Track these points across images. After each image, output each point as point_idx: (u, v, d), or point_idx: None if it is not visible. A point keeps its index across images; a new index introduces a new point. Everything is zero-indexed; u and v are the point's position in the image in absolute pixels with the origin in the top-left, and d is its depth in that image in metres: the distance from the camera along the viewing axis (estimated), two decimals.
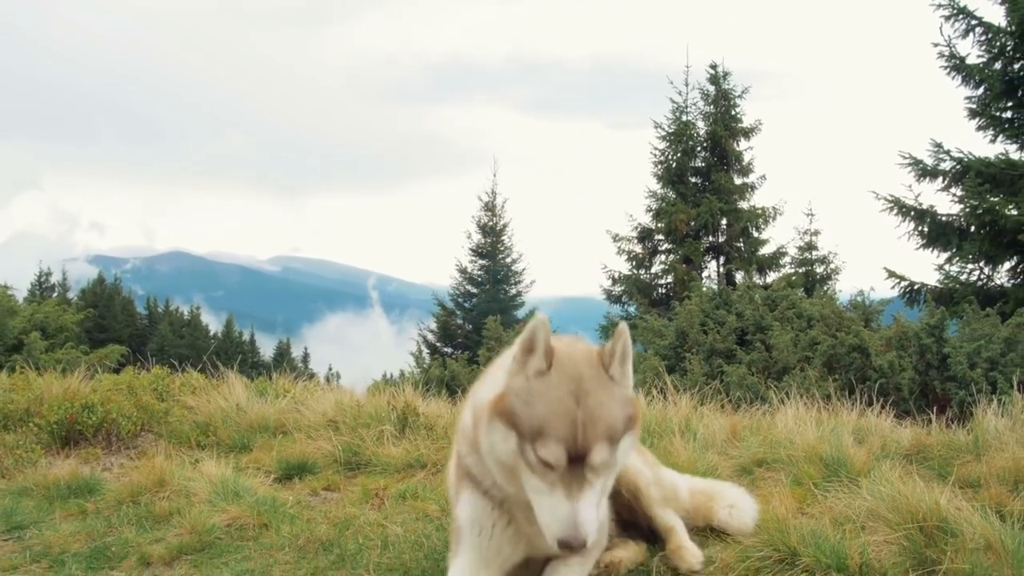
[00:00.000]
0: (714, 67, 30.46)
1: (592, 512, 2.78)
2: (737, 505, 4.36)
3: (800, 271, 29.15)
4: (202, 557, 4.30)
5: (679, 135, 29.99)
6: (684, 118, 30.49)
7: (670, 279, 29.49)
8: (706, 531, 4.39)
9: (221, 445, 6.54)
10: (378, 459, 5.79)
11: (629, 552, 3.91)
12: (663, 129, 30.46)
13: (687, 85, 30.72)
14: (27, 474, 5.79)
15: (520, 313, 39.03)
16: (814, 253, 29.77)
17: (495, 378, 3.05)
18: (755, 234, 29.96)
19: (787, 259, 29.71)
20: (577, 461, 2.73)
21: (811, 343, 11.10)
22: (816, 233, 29.64)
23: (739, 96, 30.37)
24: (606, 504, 3.47)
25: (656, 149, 30.49)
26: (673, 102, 30.73)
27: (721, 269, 30.20)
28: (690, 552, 3.83)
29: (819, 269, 29.80)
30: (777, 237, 30.30)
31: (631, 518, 4.04)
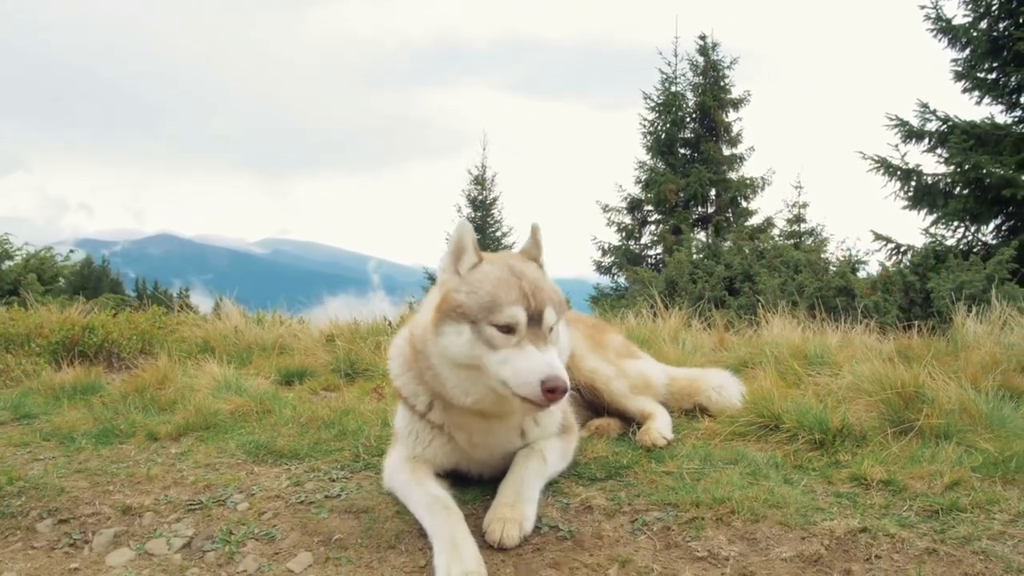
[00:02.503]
0: (703, 38, 30.48)
1: (561, 364, 2.95)
2: (724, 386, 4.57)
3: (789, 243, 29.43)
4: (207, 434, 4.46)
5: (668, 106, 30.04)
6: (673, 89, 30.53)
7: (659, 250, 29.67)
8: (696, 411, 4.57)
9: (221, 360, 6.67)
10: (375, 366, 5.94)
11: (615, 423, 4.17)
12: (652, 100, 30.52)
13: (676, 56, 30.77)
14: (32, 382, 5.92)
15: None
16: (802, 225, 30.00)
17: (428, 306, 3.23)
18: (744, 204, 30.10)
19: (776, 230, 29.94)
20: (534, 321, 2.96)
21: (798, 288, 11.26)
22: (804, 205, 29.87)
23: (728, 67, 30.41)
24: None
25: (645, 120, 30.56)
26: (662, 73, 30.76)
27: (710, 240, 30.41)
28: (657, 431, 4.02)
29: (808, 241, 30.04)
30: (765, 208, 30.49)
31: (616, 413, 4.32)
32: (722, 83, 30.50)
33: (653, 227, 30.71)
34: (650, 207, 30.47)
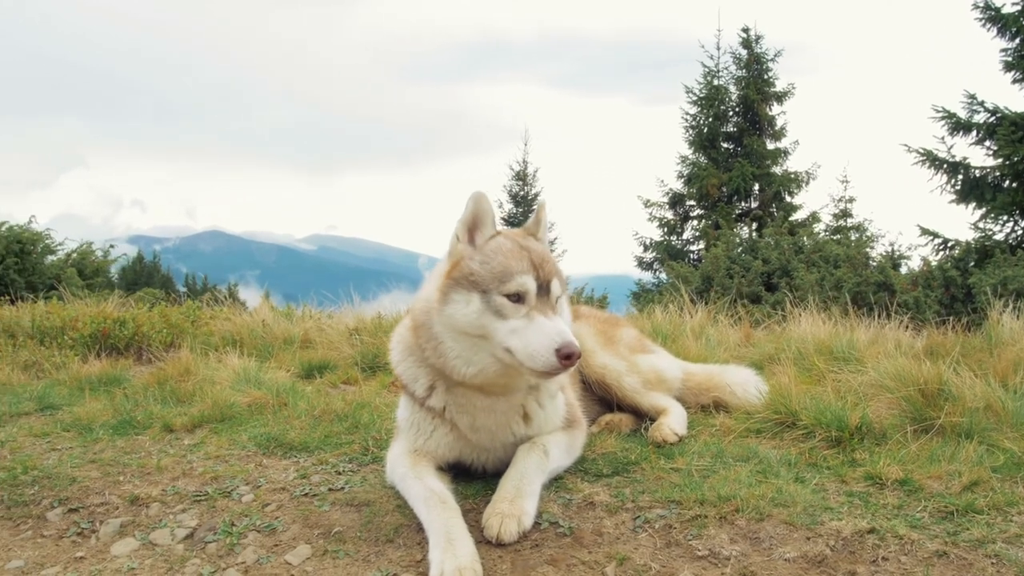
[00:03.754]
0: (746, 31, 30.05)
1: (570, 332, 2.95)
2: (742, 383, 4.48)
3: (834, 238, 28.89)
4: (222, 426, 4.49)
5: (711, 99, 29.67)
6: (716, 82, 30.14)
7: (701, 245, 29.34)
8: (714, 408, 4.48)
9: (247, 353, 6.72)
10: None
11: (627, 418, 4.11)
12: (694, 94, 30.18)
13: (719, 49, 30.38)
14: (61, 374, 6.03)
15: None
16: (849, 220, 29.44)
17: (434, 278, 3.23)
18: (788, 199, 29.64)
19: (821, 225, 29.42)
20: (542, 291, 3.01)
21: (836, 283, 11.04)
22: (851, 200, 29.31)
23: (771, 60, 29.94)
24: (571, 393, 3.77)
25: (687, 114, 30.23)
26: (704, 67, 30.38)
27: (754, 235, 29.97)
28: (668, 427, 3.96)
29: (853, 236, 29.48)
30: (810, 202, 30.00)
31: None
32: (766, 76, 30.03)
33: (695, 222, 30.40)
34: (692, 202, 30.15)
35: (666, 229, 30.55)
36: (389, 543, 3.00)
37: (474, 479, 3.46)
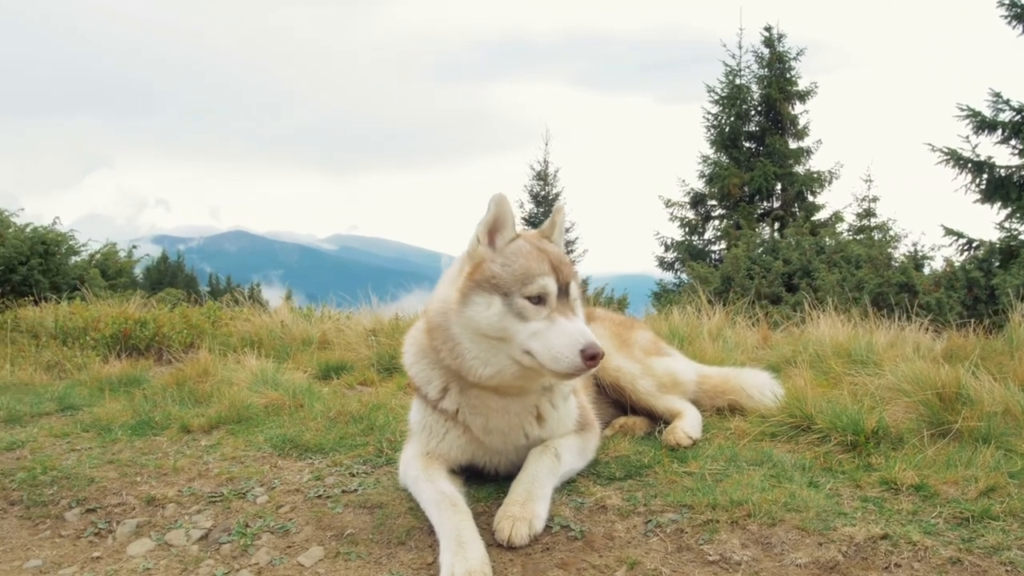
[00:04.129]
0: (768, 29, 29.86)
1: (590, 331, 2.97)
2: (758, 386, 4.45)
3: (858, 238, 28.61)
4: (239, 427, 4.53)
5: (732, 99, 29.49)
6: (738, 81, 29.96)
7: (723, 245, 29.16)
8: (729, 411, 4.46)
9: (265, 354, 6.77)
10: None
11: (641, 421, 4.11)
12: (716, 93, 30.01)
13: (740, 48, 30.19)
14: (82, 375, 6.10)
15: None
16: (872, 220, 29.15)
17: (450, 279, 3.25)
18: (810, 198, 29.41)
19: (844, 225, 29.15)
20: (562, 293, 3.05)
21: (858, 284, 10.95)
22: (875, 199, 29.01)
23: (794, 58, 29.71)
24: (584, 396, 3.79)
25: (709, 114, 30.07)
26: (726, 65, 30.19)
27: (776, 235, 29.74)
28: (682, 431, 3.95)
29: (877, 236, 29.17)
30: (833, 202, 29.73)
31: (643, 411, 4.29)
32: (788, 75, 29.80)
33: (717, 222, 30.24)
34: (713, 202, 29.99)
35: (687, 229, 30.41)
36: (401, 545, 3.01)
37: (487, 482, 3.47)
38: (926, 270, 12.56)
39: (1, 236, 11.77)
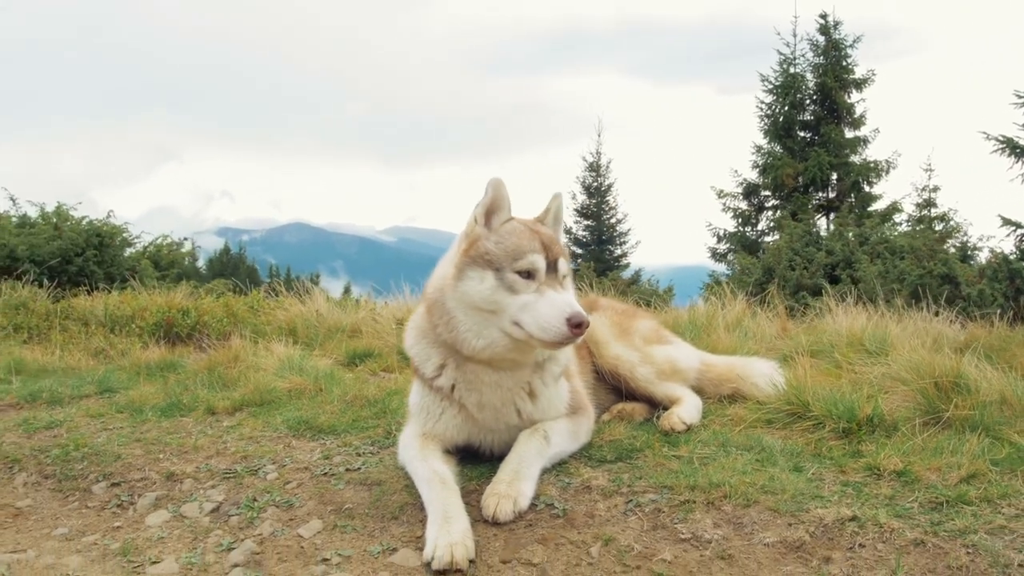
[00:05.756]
0: (824, 16, 29.31)
1: (578, 303, 3.16)
2: (763, 375, 4.51)
3: (918, 228, 27.92)
4: (260, 410, 4.78)
5: (786, 88, 29.02)
6: (792, 70, 29.49)
7: (776, 236, 28.78)
8: (734, 399, 4.54)
9: (298, 342, 7.03)
10: None
11: (640, 407, 4.22)
12: (770, 82, 29.58)
13: (795, 36, 29.69)
14: (123, 360, 6.43)
15: (625, 274, 38.84)
16: (932, 211, 28.46)
17: (449, 258, 3.45)
18: (867, 189, 28.83)
19: (902, 215, 28.53)
20: (551, 269, 3.23)
21: (900, 275, 10.82)
22: (935, 189, 28.30)
23: (850, 46, 29.08)
24: (578, 381, 3.93)
25: (763, 103, 29.65)
26: (780, 54, 29.73)
27: (831, 226, 29.23)
28: (677, 417, 4.05)
29: (938, 227, 28.44)
30: (891, 192, 29.08)
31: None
32: (844, 63, 29.20)
33: (770, 213, 29.85)
34: (767, 192, 29.58)
35: (740, 220, 30.05)
36: (394, 520, 3.19)
37: (481, 463, 3.62)
38: (980, 260, 12.31)
39: (59, 229, 12.36)
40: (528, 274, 3.17)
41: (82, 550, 3.18)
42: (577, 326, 3.03)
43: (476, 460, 3.64)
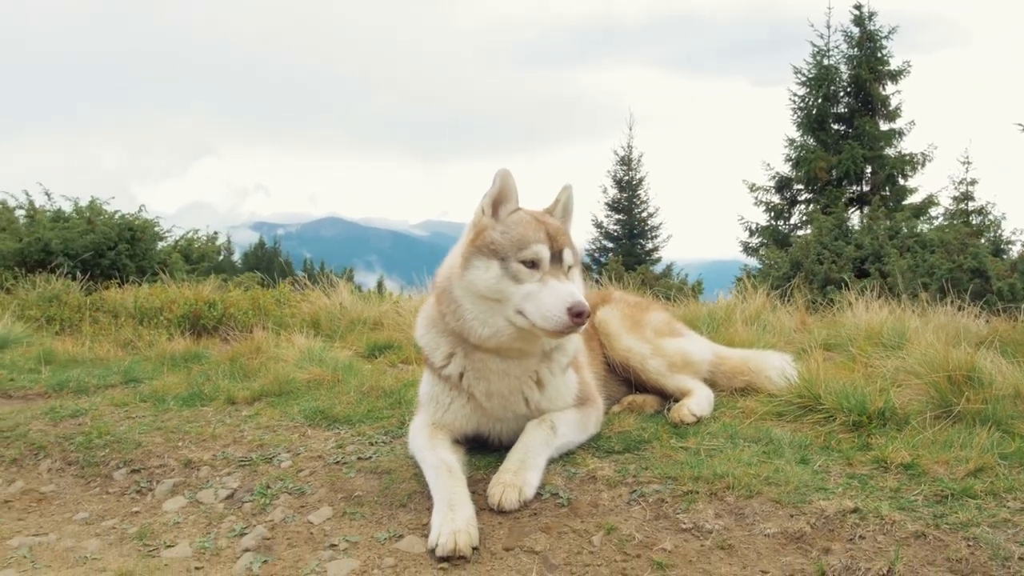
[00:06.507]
0: (858, 7, 28.91)
1: (581, 294, 3.19)
2: (777, 368, 4.50)
3: (955, 223, 27.49)
4: (279, 400, 4.87)
5: (820, 80, 28.67)
6: (825, 62, 29.14)
7: (809, 230, 28.46)
8: (748, 391, 4.55)
9: (320, 334, 7.13)
10: None
11: (651, 399, 4.25)
12: (803, 74, 29.24)
13: (829, 28, 29.33)
14: (150, 351, 6.57)
15: (656, 268, 38.67)
16: (970, 204, 27.98)
17: (457, 249, 3.49)
18: (902, 182, 28.42)
19: (939, 209, 28.09)
20: (555, 259, 3.28)
21: (929, 270, 10.69)
22: (973, 182, 27.79)
23: (885, 37, 28.67)
24: (587, 372, 3.96)
25: (796, 96, 29.32)
26: (814, 46, 29.39)
27: (865, 220, 28.87)
28: (687, 409, 4.05)
29: (975, 220, 27.97)
30: (927, 185, 28.62)
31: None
32: (879, 54, 28.79)
33: (802, 206, 29.55)
34: (799, 186, 29.27)
35: (772, 214, 29.77)
36: (402, 507, 3.26)
37: (490, 453, 3.66)
38: (1013, 255, 12.13)
39: (92, 223, 12.63)
40: (532, 264, 3.22)
41: (101, 534, 3.29)
42: (578, 315, 3.07)
43: (485, 450, 3.69)
